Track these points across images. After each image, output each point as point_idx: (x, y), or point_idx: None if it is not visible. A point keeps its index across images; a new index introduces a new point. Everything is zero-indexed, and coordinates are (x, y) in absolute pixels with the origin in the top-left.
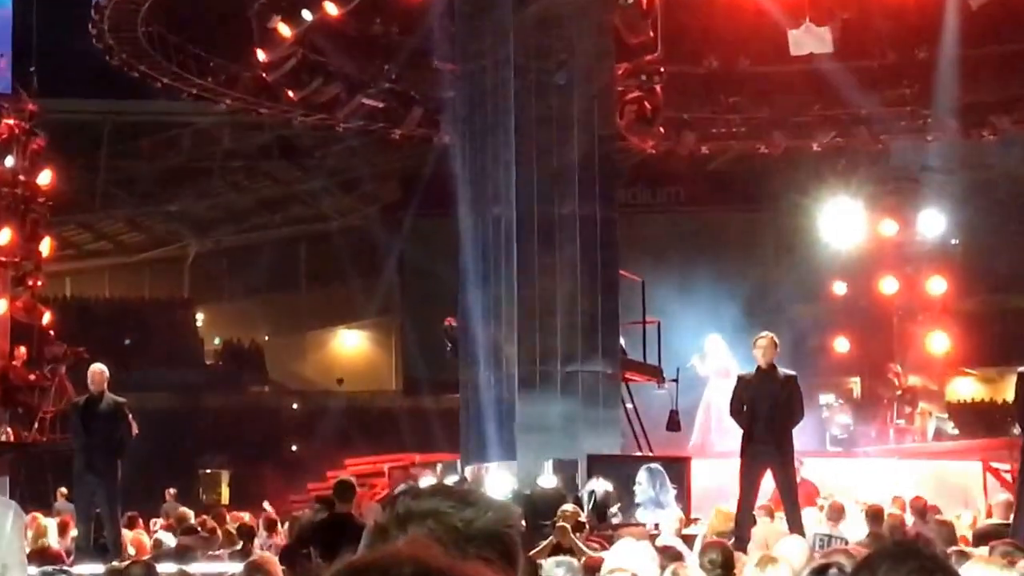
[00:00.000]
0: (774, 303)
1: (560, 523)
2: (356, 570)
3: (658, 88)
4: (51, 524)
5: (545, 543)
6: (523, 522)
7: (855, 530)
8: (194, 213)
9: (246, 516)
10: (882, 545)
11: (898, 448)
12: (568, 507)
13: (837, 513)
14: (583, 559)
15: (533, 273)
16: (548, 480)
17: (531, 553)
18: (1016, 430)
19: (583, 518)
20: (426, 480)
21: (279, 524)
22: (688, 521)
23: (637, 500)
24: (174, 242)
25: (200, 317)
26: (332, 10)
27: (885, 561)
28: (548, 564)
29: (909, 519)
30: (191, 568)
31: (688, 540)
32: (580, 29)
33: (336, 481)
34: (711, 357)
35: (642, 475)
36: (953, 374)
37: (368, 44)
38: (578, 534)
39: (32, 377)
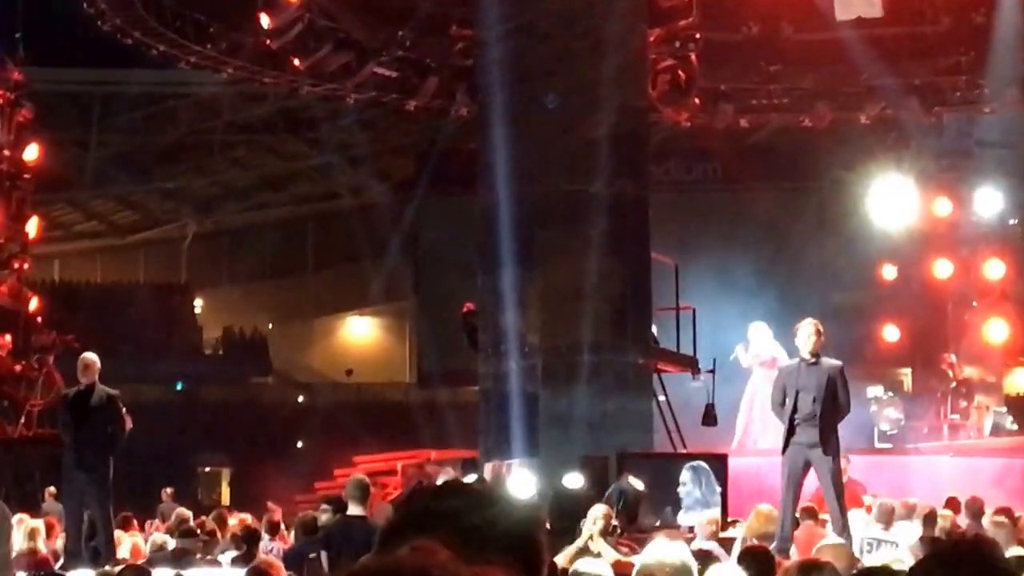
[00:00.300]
0: (818, 288)
1: (590, 525)
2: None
3: (693, 56)
4: (39, 526)
5: (572, 547)
6: (548, 524)
7: (906, 533)
8: (192, 191)
9: (249, 518)
10: (937, 548)
11: (952, 445)
12: (599, 508)
13: (887, 515)
14: (612, 562)
15: (558, 255)
16: (574, 479)
17: (557, 557)
18: None
19: (615, 520)
20: (443, 479)
21: (281, 526)
22: (725, 523)
23: (684, 503)
24: (170, 222)
25: (199, 303)
26: None
27: (940, 567)
28: (575, 568)
29: (964, 521)
30: (189, 573)
31: (726, 543)
32: None
33: (350, 480)
34: (754, 346)
35: (685, 474)
36: (1012, 364)
37: (380, 8)
38: (609, 537)
39: (18, 368)
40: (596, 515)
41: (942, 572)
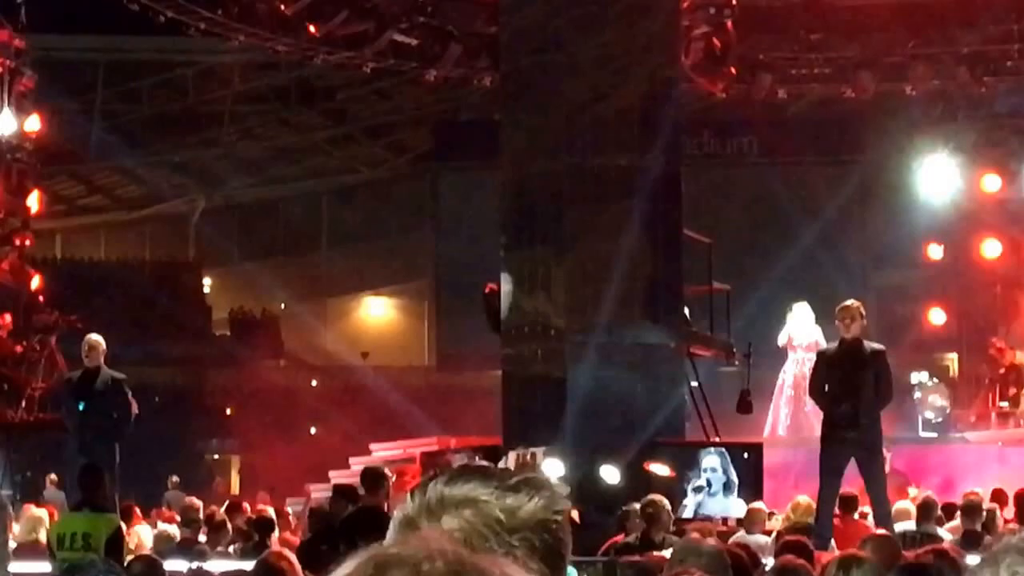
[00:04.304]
0: (860, 268)
1: (649, 511)
2: (381, 563)
3: (729, 23)
4: (43, 515)
5: (629, 536)
6: (576, 514)
7: (950, 527)
8: (201, 164)
9: (269, 509)
10: (1009, 541)
11: (1002, 434)
12: (655, 496)
13: (929, 508)
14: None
15: (585, 233)
16: (610, 472)
17: (609, 543)
18: None
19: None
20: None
21: (289, 516)
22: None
23: (713, 489)
24: (178, 197)
25: (207, 282)
26: None
27: (1010, 554)
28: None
29: (1010, 514)
30: (196, 565)
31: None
32: None
33: (363, 470)
34: (795, 328)
35: (714, 459)
36: None
37: None
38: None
39: (19, 349)
40: (654, 502)
41: (1011, 560)
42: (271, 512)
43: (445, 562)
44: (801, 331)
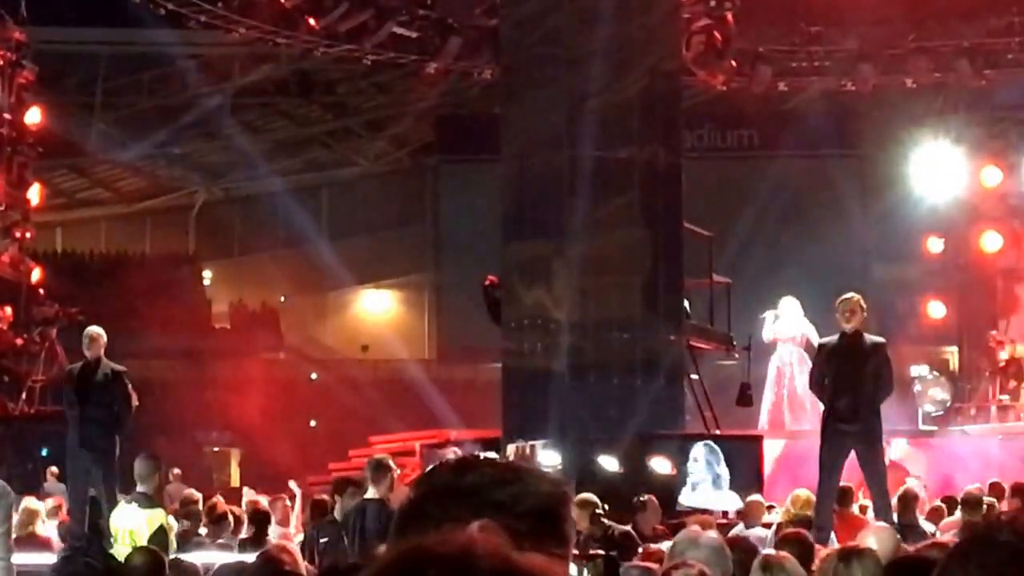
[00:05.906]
0: (860, 261)
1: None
2: (422, 558)
3: (729, 16)
4: (42, 508)
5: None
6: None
7: (950, 521)
8: (201, 157)
9: (264, 499)
10: (974, 531)
11: (1002, 427)
12: (583, 496)
13: (909, 500)
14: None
15: (585, 226)
16: (609, 462)
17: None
18: None
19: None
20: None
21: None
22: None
23: (691, 480)
24: (178, 190)
25: (207, 275)
26: None
27: (976, 548)
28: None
29: (1008, 506)
30: (198, 557)
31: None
32: None
33: (369, 460)
34: (783, 322)
35: (699, 450)
36: None
37: None
38: (595, 527)
39: (19, 341)
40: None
41: (977, 553)
42: (263, 503)
43: (491, 562)
44: (786, 326)
